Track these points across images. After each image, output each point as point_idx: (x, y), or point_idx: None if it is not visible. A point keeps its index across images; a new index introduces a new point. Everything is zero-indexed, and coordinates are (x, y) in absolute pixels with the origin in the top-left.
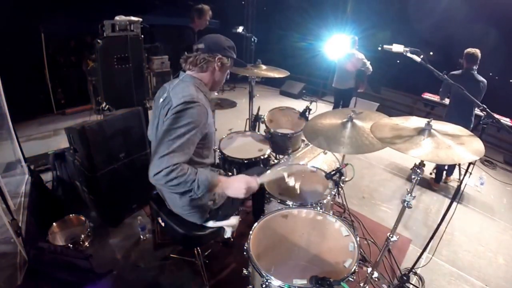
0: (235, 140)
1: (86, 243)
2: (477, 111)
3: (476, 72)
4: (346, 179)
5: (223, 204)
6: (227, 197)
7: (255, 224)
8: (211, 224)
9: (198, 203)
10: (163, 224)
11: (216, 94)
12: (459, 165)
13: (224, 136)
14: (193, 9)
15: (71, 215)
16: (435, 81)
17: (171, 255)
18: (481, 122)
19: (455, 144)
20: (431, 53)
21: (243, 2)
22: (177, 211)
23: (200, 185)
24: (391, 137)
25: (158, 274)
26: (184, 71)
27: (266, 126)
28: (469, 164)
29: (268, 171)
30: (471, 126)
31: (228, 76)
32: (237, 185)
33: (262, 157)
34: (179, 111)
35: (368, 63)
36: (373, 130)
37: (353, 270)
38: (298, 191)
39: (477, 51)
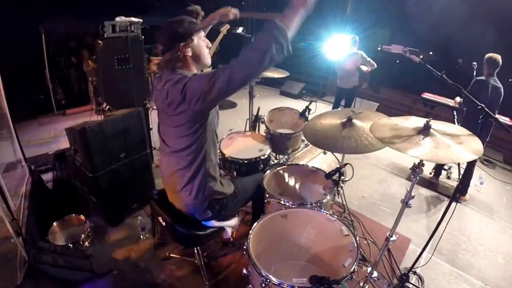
0: (235, 140)
1: (86, 243)
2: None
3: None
4: (346, 179)
5: (227, 205)
6: (230, 198)
7: (255, 224)
8: (212, 223)
9: (209, 194)
10: (163, 223)
11: None
12: (459, 164)
13: (224, 136)
14: (187, 11)
15: (71, 215)
16: (435, 81)
17: (171, 255)
18: (479, 121)
19: (454, 144)
20: (431, 52)
21: (243, 3)
22: (179, 205)
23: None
24: (391, 137)
25: (158, 274)
26: None
27: (266, 126)
28: (469, 164)
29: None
30: (491, 128)
31: (206, 45)
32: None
33: (262, 157)
34: (190, 79)
35: (369, 59)
36: (373, 130)
37: (352, 269)
38: (298, 191)
39: (499, 57)
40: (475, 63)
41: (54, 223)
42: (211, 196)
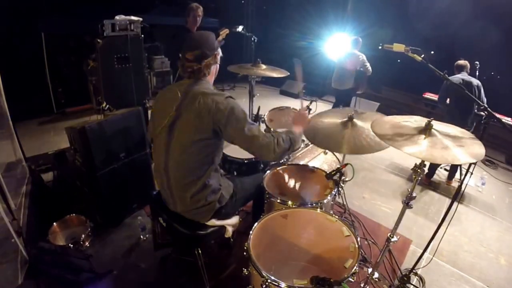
0: None
1: (87, 243)
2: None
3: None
4: (346, 179)
5: (226, 204)
6: (229, 197)
7: (255, 224)
8: (213, 222)
9: (208, 199)
10: (164, 224)
11: None
12: (460, 166)
13: None
14: (188, 9)
15: (71, 215)
16: (436, 81)
17: (172, 255)
18: (482, 121)
19: (454, 146)
20: (432, 52)
21: (242, 1)
22: (182, 210)
23: (292, 141)
24: (392, 135)
25: (158, 274)
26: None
27: (266, 125)
28: (470, 164)
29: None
30: (473, 123)
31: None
32: (303, 120)
33: None
34: (226, 107)
35: (367, 64)
36: (374, 126)
37: (353, 270)
38: (298, 191)
39: (466, 62)
40: (477, 62)
41: (54, 223)
42: (215, 203)
